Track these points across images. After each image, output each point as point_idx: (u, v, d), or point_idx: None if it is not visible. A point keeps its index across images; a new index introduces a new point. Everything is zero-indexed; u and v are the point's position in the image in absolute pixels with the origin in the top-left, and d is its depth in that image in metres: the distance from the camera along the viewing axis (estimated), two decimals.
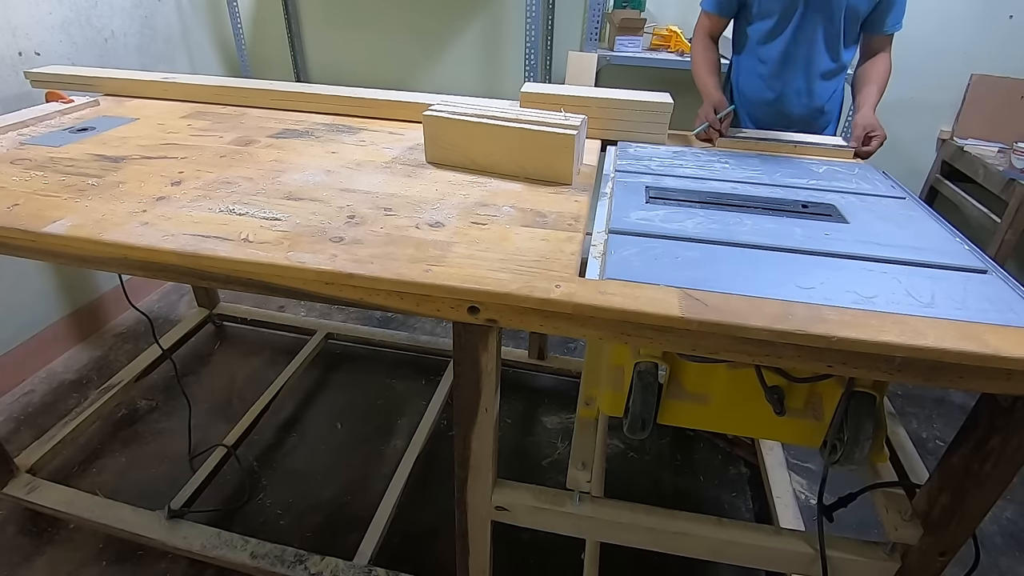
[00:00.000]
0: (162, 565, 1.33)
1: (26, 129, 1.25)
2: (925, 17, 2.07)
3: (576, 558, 1.34)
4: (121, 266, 0.85)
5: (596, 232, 0.90)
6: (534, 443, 1.69)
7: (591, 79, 2.06)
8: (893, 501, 0.88)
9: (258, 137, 1.23)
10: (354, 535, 1.31)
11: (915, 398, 1.91)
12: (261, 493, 1.51)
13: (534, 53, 2.12)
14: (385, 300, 0.77)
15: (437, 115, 1.08)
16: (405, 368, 1.97)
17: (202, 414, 1.74)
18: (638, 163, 1.14)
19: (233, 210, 0.91)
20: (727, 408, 0.88)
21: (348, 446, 1.66)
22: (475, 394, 0.86)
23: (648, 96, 1.27)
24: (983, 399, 0.75)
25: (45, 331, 1.92)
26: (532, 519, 0.97)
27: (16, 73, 1.71)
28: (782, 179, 1.10)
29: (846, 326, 0.66)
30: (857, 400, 0.79)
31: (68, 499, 1.35)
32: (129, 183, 1.00)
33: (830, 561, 0.87)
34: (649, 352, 0.84)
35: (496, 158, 1.07)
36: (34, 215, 0.88)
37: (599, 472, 1.34)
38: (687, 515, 0.93)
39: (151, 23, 2.19)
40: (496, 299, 0.73)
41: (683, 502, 1.53)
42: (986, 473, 0.76)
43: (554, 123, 1.04)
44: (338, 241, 0.82)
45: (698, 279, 0.74)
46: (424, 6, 2.43)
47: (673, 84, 2.39)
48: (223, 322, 2.13)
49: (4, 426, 1.69)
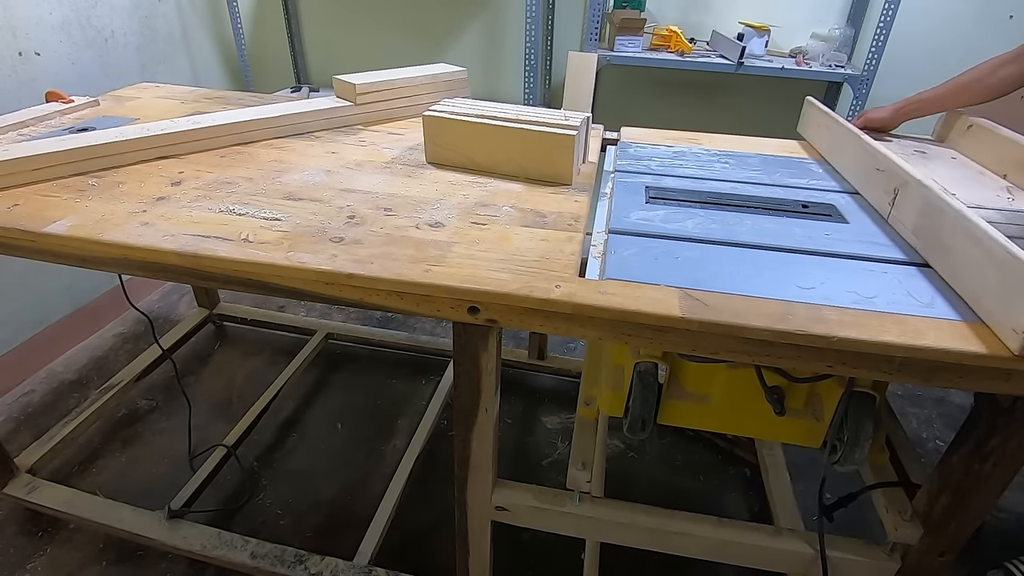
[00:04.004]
0: (162, 565, 1.33)
1: (26, 129, 1.25)
2: (925, 16, 2.08)
3: (576, 558, 1.34)
4: (121, 266, 0.85)
5: (596, 232, 0.90)
6: (534, 443, 1.69)
7: (591, 79, 2.06)
8: (893, 501, 0.88)
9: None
10: (354, 535, 1.30)
11: (915, 398, 1.91)
12: (261, 493, 1.51)
13: (534, 53, 2.12)
14: (385, 300, 0.77)
15: (437, 115, 1.08)
16: (405, 368, 1.96)
17: (202, 414, 1.74)
18: (638, 163, 1.14)
19: (233, 210, 0.91)
20: (727, 408, 0.88)
21: (348, 446, 1.66)
22: (475, 394, 0.86)
23: (446, 68, 1.42)
24: (983, 399, 0.75)
25: (45, 331, 1.92)
26: (532, 519, 0.98)
27: (16, 73, 1.71)
28: (782, 179, 1.10)
29: (846, 326, 0.66)
30: (857, 400, 0.79)
31: (68, 499, 1.35)
32: (129, 183, 1.00)
33: (830, 561, 0.87)
34: (649, 352, 0.84)
35: (496, 158, 1.07)
36: (34, 215, 0.88)
37: (599, 472, 1.34)
38: (687, 515, 0.93)
39: (151, 23, 2.19)
40: (496, 299, 0.73)
41: (683, 502, 1.53)
42: (986, 473, 0.76)
43: (554, 123, 1.04)
44: (338, 241, 0.82)
45: (698, 279, 0.74)
46: (424, 6, 2.43)
47: (673, 84, 2.40)
48: (223, 322, 2.13)
49: (4, 426, 1.69)
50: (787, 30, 2.15)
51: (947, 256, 0.76)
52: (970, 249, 0.71)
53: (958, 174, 1.11)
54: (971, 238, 0.70)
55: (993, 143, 1.13)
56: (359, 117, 1.34)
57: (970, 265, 0.71)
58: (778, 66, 2.01)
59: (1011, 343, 0.63)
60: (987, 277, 0.67)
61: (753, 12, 2.17)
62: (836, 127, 1.17)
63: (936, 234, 0.79)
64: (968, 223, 0.71)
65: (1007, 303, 0.64)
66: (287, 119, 1.25)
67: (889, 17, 1.90)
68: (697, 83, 2.36)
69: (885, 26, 1.91)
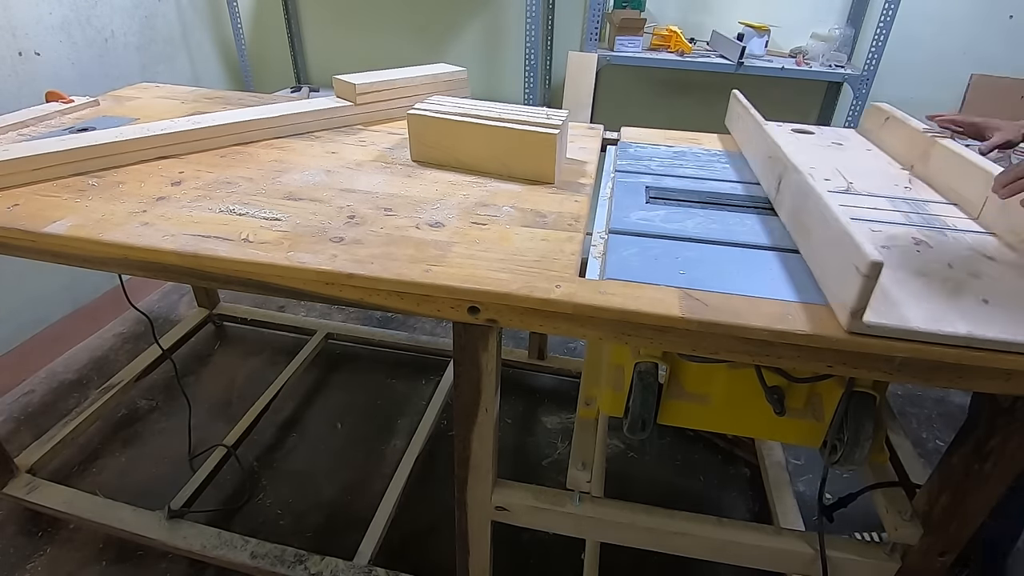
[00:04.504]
0: (162, 565, 1.33)
1: (26, 129, 1.25)
2: (925, 17, 2.08)
3: (576, 558, 1.34)
4: (121, 266, 0.85)
5: (596, 232, 0.90)
6: (534, 443, 1.69)
7: (591, 79, 2.06)
8: (893, 501, 0.88)
9: None
10: (354, 535, 1.30)
11: (915, 398, 1.91)
12: (261, 493, 1.51)
13: (534, 53, 2.12)
14: (385, 300, 0.77)
15: (421, 114, 1.09)
16: (405, 368, 1.96)
17: (202, 414, 1.74)
18: (638, 163, 1.14)
19: (233, 210, 0.91)
20: (727, 408, 0.88)
21: (348, 446, 1.66)
22: (475, 394, 0.86)
23: (445, 68, 1.42)
24: (983, 399, 0.75)
25: (45, 331, 1.92)
26: (532, 519, 0.98)
27: (16, 73, 1.71)
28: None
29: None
30: (857, 400, 0.79)
31: (68, 499, 1.35)
32: (129, 183, 1.00)
33: (830, 561, 0.87)
34: (649, 352, 0.84)
35: (480, 156, 1.07)
36: (34, 215, 0.88)
37: (599, 472, 1.34)
38: (687, 515, 0.93)
39: (151, 23, 2.19)
40: (496, 299, 0.73)
41: (683, 502, 1.53)
42: (986, 473, 0.76)
43: (536, 122, 1.04)
44: (338, 241, 0.82)
45: (698, 279, 0.74)
46: (424, 6, 2.43)
47: (673, 84, 2.40)
48: (223, 322, 2.13)
49: (4, 426, 1.69)
50: (787, 30, 2.15)
51: (807, 239, 0.78)
52: (819, 229, 0.73)
53: (866, 165, 1.13)
54: (820, 218, 0.72)
55: (903, 135, 1.15)
56: (359, 117, 1.34)
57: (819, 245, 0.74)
58: (778, 66, 2.02)
59: (842, 319, 0.65)
60: (828, 255, 0.70)
61: (753, 12, 2.17)
62: (747, 118, 1.17)
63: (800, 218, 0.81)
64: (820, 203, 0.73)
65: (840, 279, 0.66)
66: (287, 119, 1.25)
67: (889, 17, 1.90)
68: (697, 83, 2.36)
69: (885, 26, 1.91)
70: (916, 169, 1.09)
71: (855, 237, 0.63)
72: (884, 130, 1.22)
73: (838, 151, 1.19)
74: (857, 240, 0.62)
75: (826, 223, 0.71)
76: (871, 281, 0.60)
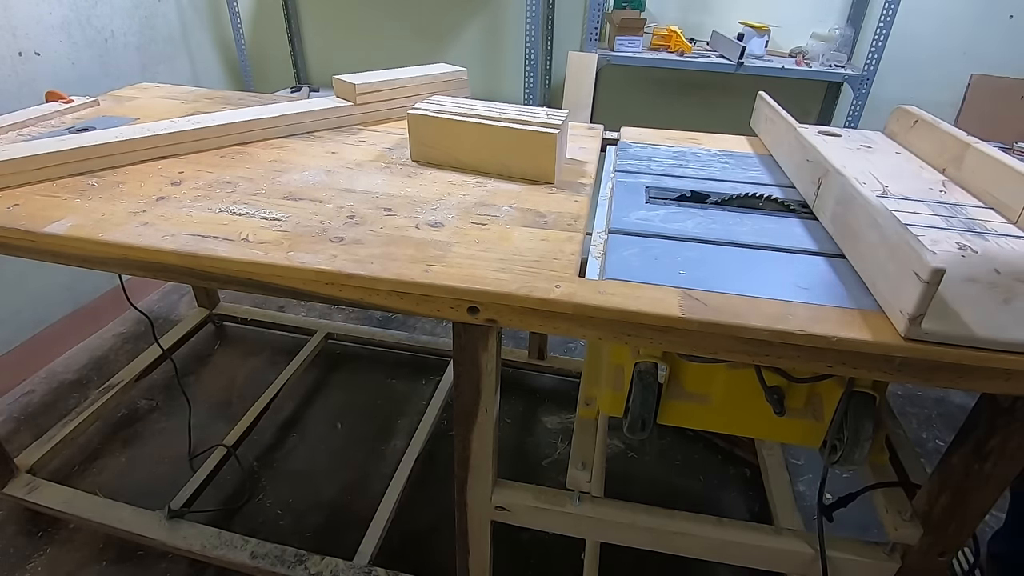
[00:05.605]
0: (162, 565, 1.33)
1: (26, 129, 1.25)
2: (925, 17, 2.08)
3: (576, 558, 1.34)
4: (121, 266, 0.85)
5: (596, 232, 0.90)
6: (534, 443, 1.69)
7: (591, 79, 2.06)
8: (893, 501, 0.88)
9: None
10: (354, 535, 1.30)
11: (915, 398, 1.91)
12: (261, 493, 1.51)
13: (534, 53, 2.12)
14: (385, 300, 0.77)
15: (421, 114, 1.09)
16: (405, 368, 1.96)
17: (202, 414, 1.74)
18: (638, 163, 1.14)
19: (233, 210, 0.91)
20: (727, 408, 0.88)
21: (348, 446, 1.66)
22: (475, 394, 0.86)
23: (445, 68, 1.43)
24: (983, 399, 0.75)
25: (45, 331, 1.92)
26: (532, 519, 0.97)
27: (16, 73, 1.71)
28: (783, 179, 1.10)
29: (846, 326, 0.66)
30: (857, 400, 0.79)
31: (68, 499, 1.35)
32: (129, 183, 1.00)
33: (830, 561, 0.87)
34: (649, 352, 0.84)
35: (480, 156, 1.07)
36: (34, 215, 0.88)
37: (599, 472, 1.34)
38: (687, 515, 0.93)
39: (151, 23, 2.19)
40: (496, 299, 0.73)
41: (683, 502, 1.53)
42: (986, 473, 0.76)
43: (536, 122, 1.04)
44: (338, 241, 0.82)
45: (698, 279, 0.74)
46: (424, 6, 2.43)
47: (673, 84, 2.40)
48: (223, 322, 2.13)
49: (4, 426, 1.69)
50: (787, 30, 2.15)
51: (855, 243, 0.77)
52: (870, 234, 0.72)
53: (898, 168, 1.11)
54: (871, 222, 0.71)
55: (935, 138, 1.14)
56: (359, 117, 1.34)
57: (870, 249, 0.72)
58: (778, 66, 2.02)
59: (899, 326, 0.64)
60: (881, 260, 0.69)
61: (753, 12, 2.17)
62: (779, 121, 1.17)
63: (846, 221, 0.80)
64: (870, 207, 0.72)
65: (896, 285, 0.65)
66: (287, 119, 1.25)
67: (889, 17, 1.90)
68: (697, 83, 2.36)
69: (885, 26, 1.91)
70: (949, 172, 1.07)
71: (913, 243, 0.61)
72: (913, 133, 1.20)
73: (868, 154, 1.17)
74: (916, 246, 0.60)
75: (879, 228, 0.69)
76: (932, 288, 0.59)
